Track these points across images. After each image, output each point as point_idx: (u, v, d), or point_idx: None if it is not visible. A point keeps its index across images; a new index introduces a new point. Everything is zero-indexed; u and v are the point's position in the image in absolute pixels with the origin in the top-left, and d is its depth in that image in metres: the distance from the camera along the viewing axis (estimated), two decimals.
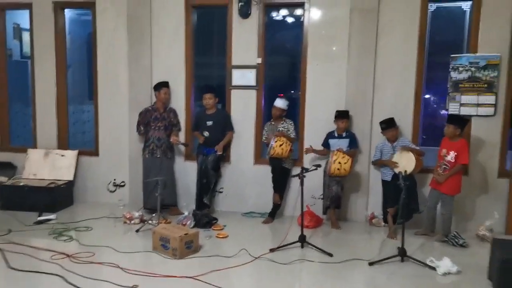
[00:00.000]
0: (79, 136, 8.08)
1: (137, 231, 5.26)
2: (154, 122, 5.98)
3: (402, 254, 4.41)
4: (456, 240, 4.93)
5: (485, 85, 5.43)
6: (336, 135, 5.64)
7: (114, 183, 6.54)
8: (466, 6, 5.92)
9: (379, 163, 5.56)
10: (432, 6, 5.93)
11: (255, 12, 5.96)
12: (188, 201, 6.11)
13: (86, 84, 8.60)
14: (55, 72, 6.63)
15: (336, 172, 5.31)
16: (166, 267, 4.23)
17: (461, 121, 5.09)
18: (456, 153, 4.97)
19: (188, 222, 5.38)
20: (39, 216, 5.67)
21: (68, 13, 6.92)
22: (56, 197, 6.12)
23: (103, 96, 6.50)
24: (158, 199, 5.32)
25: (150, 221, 5.38)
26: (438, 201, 5.16)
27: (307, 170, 4.78)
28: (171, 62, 6.24)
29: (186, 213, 5.59)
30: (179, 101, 6.27)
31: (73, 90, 7.14)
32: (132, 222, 5.54)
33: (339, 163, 5.28)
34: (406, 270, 4.26)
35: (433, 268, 4.21)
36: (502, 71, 5.38)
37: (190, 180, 6.18)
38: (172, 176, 6.12)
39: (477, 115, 5.48)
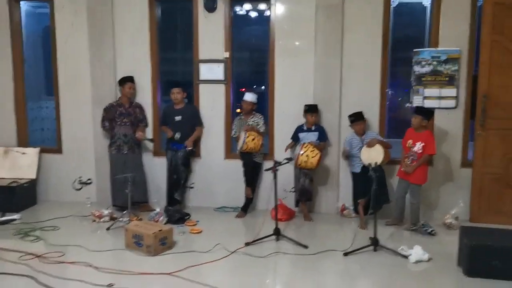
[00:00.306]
0: (38, 133, 7.77)
1: (107, 229, 5.13)
2: (119, 117, 5.84)
3: (375, 243, 4.51)
4: (425, 228, 5.08)
5: (447, 79, 5.62)
6: (305, 128, 5.69)
7: (80, 180, 6.31)
8: (426, 2, 6.10)
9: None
10: (394, 2, 6.07)
11: (221, 6, 5.92)
12: (159, 197, 5.99)
13: (42, 80, 8.26)
14: (12, 67, 6.35)
15: (303, 164, 5.32)
16: (141, 264, 4.15)
17: (428, 113, 5.27)
18: (423, 144, 5.13)
19: (161, 219, 5.30)
20: (2, 216, 5.44)
21: (23, 6, 6.61)
22: (18, 197, 5.89)
23: (64, 92, 6.28)
24: (129, 196, 5.21)
25: (121, 219, 5.25)
26: (406, 191, 5.32)
27: (279, 163, 4.80)
28: (135, 57, 6.10)
29: (157, 210, 5.49)
30: (145, 96, 6.15)
31: (29, 86, 6.83)
32: (102, 220, 5.40)
33: (307, 156, 5.31)
34: (379, 259, 4.36)
35: (405, 257, 4.33)
36: (462, 65, 5.58)
37: (160, 176, 6.08)
38: (141, 172, 5.99)
39: (439, 108, 5.66)
